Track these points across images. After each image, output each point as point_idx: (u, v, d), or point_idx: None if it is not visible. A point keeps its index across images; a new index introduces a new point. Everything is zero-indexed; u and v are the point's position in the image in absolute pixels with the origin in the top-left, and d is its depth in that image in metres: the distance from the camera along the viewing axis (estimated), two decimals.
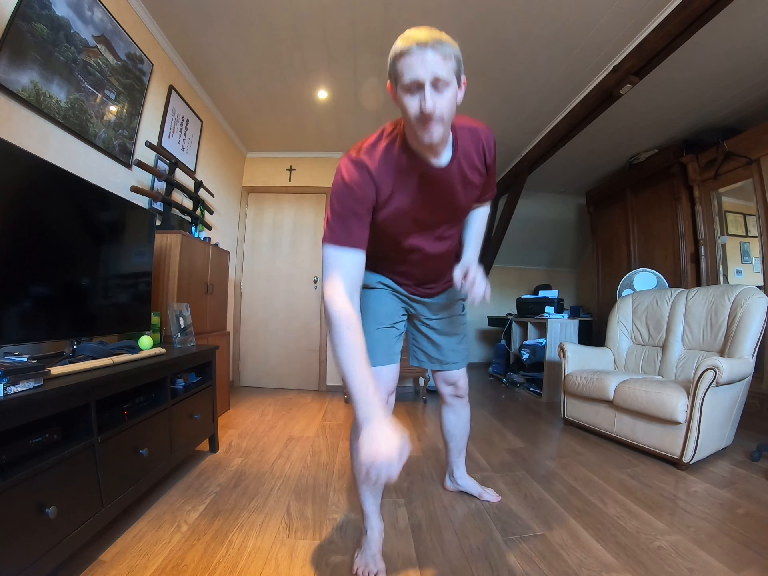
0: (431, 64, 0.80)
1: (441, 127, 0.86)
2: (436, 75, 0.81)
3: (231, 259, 3.26)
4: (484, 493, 1.59)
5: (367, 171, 0.94)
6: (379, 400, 0.87)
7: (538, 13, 2.11)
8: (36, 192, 1.25)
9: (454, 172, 1.00)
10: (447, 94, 0.84)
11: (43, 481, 0.93)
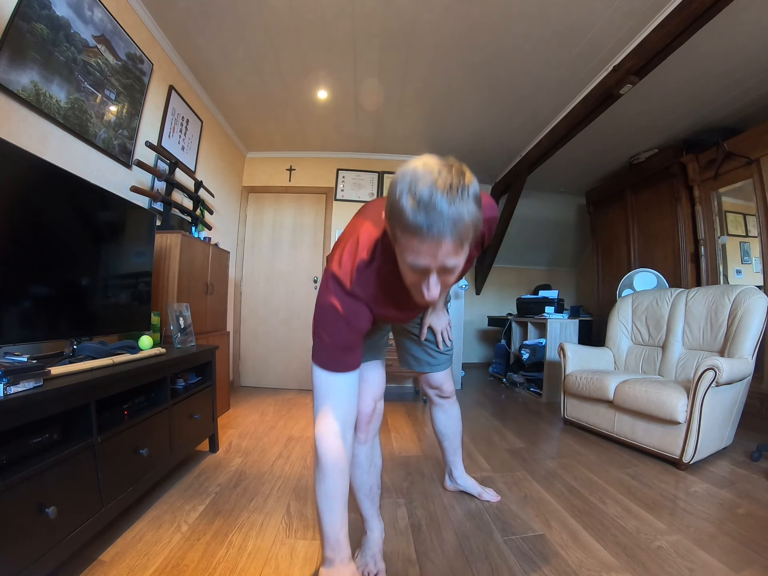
0: (443, 256, 0.68)
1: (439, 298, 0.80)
2: (445, 263, 0.69)
3: (231, 259, 3.26)
4: (484, 493, 1.59)
5: (364, 305, 0.86)
6: (347, 545, 0.87)
7: (538, 13, 2.11)
8: (36, 192, 1.25)
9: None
10: (456, 271, 0.73)
11: (43, 481, 0.93)
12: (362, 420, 1.11)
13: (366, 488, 1.20)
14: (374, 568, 1.12)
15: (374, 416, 1.16)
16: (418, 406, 3.28)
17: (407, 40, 2.36)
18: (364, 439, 1.14)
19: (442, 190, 0.63)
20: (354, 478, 1.17)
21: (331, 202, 4.01)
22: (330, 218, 3.98)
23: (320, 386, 0.88)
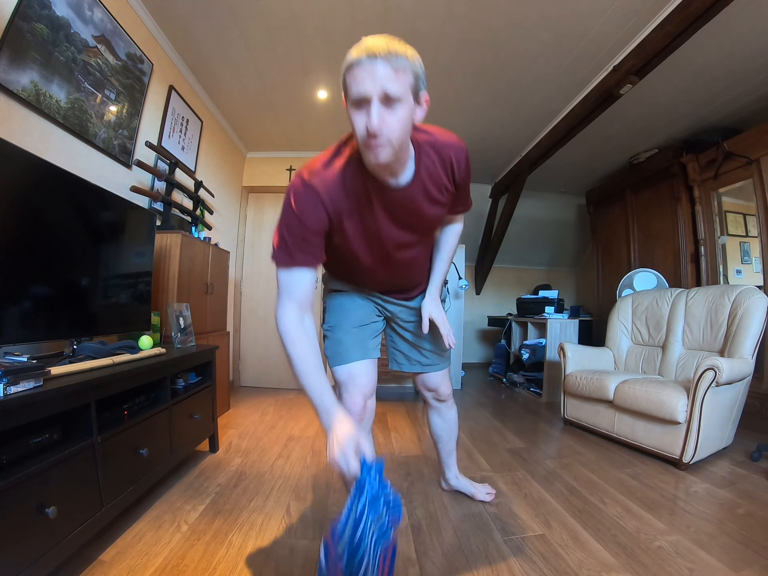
0: (381, 78, 0.73)
1: (389, 149, 0.79)
2: (386, 90, 0.73)
3: (231, 259, 3.26)
4: (477, 493, 1.58)
5: (317, 198, 0.87)
6: (336, 404, 0.90)
7: (538, 12, 2.11)
8: (36, 192, 1.25)
9: (416, 191, 0.93)
10: (399, 113, 0.76)
11: (43, 481, 0.93)
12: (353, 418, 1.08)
13: None
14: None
15: (365, 414, 1.16)
16: (418, 406, 3.28)
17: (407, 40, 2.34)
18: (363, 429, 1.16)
19: (379, 38, 0.76)
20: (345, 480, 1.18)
21: None
22: None
23: (279, 283, 0.96)
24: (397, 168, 0.88)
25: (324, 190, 0.88)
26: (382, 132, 0.75)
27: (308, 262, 0.94)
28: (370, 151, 0.79)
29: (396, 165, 0.87)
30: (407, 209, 0.96)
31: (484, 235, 5.17)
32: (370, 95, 0.74)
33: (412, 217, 0.99)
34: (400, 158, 0.86)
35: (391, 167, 0.86)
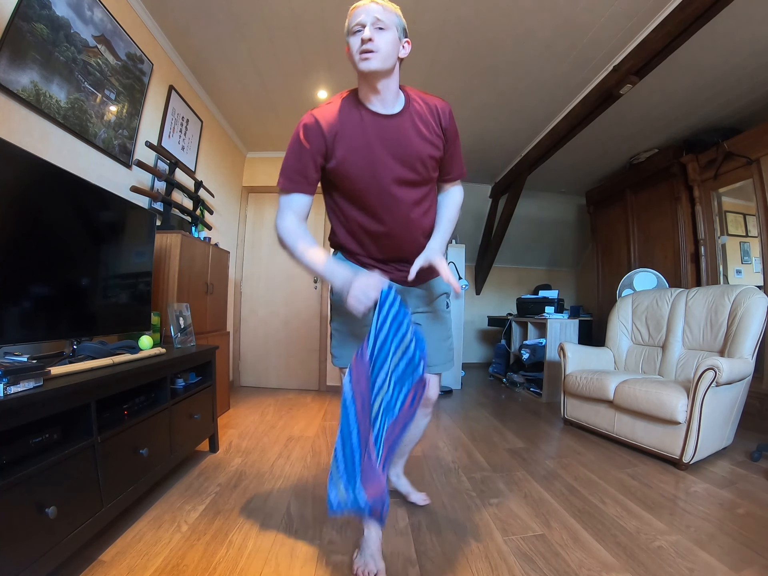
0: (373, 11, 0.99)
1: (379, 59, 0.98)
2: (376, 16, 0.99)
3: (231, 259, 3.26)
4: (413, 494, 1.54)
5: (317, 124, 1.04)
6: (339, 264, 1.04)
7: (537, 13, 2.11)
8: (36, 192, 1.25)
9: (406, 122, 1.08)
10: (386, 35, 1.00)
11: (43, 481, 0.93)
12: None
13: None
14: (374, 567, 1.10)
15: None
16: None
17: None
18: None
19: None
20: None
21: None
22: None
23: (281, 204, 1.11)
24: (386, 94, 1.06)
25: (322, 118, 1.05)
26: (373, 40, 0.97)
27: (305, 188, 1.10)
28: (363, 58, 0.99)
29: (385, 88, 1.05)
30: (398, 139, 1.07)
31: (484, 235, 5.18)
32: (365, 22, 0.99)
33: (404, 149, 1.08)
34: (387, 83, 1.04)
35: (381, 88, 1.04)
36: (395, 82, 1.07)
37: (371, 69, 0.99)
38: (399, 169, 1.09)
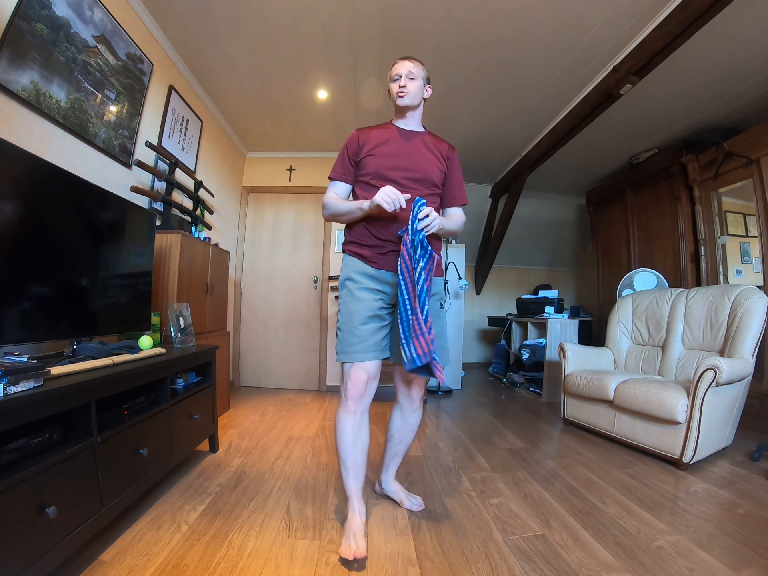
0: (407, 66, 1.40)
1: (408, 96, 1.39)
2: (409, 70, 1.40)
3: (231, 259, 3.26)
4: (406, 501, 1.52)
5: (357, 135, 1.43)
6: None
7: (537, 13, 2.11)
8: (36, 192, 1.25)
9: (422, 138, 1.44)
10: (415, 82, 1.40)
11: (43, 481, 0.93)
12: (355, 392, 1.31)
13: (351, 462, 1.31)
14: (355, 546, 1.17)
15: (366, 392, 1.32)
16: None
17: (407, 40, 2.36)
18: (353, 410, 1.31)
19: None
20: (340, 448, 1.33)
21: None
22: None
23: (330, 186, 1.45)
24: (411, 121, 1.45)
25: (361, 133, 1.44)
26: (407, 85, 1.38)
27: (345, 178, 1.44)
28: (399, 96, 1.39)
29: (411, 116, 1.44)
30: (413, 147, 1.41)
31: (484, 235, 5.18)
32: (401, 73, 1.39)
33: (417, 155, 1.40)
34: (414, 114, 1.44)
35: (409, 114, 1.43)
36: (419, 113, 1.46)
37: (404, 104, 1.40)
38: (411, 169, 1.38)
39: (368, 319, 1.32)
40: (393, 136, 1.42)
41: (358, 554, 1.15)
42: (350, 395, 1.31)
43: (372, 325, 1.32)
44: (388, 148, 1.39)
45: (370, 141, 1.40)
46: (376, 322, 1.33)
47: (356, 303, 1.33)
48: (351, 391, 1.30)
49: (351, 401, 1.31)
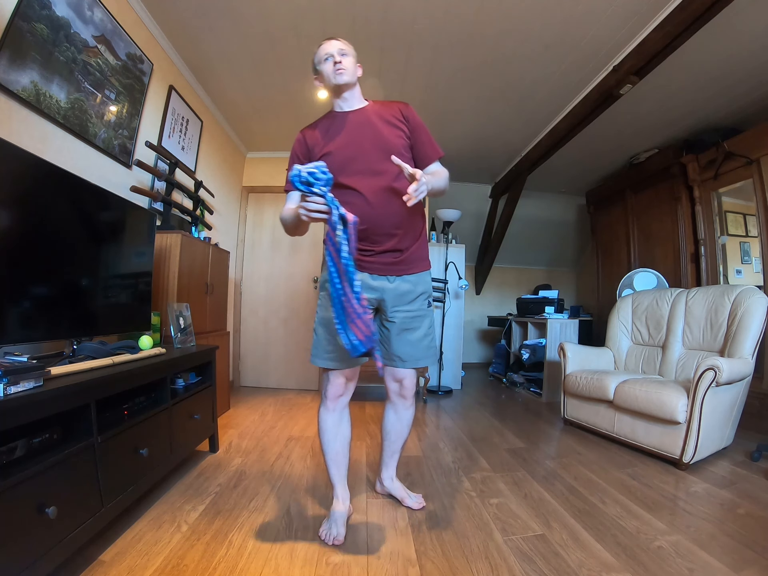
0: (336, 45, 1.31)
1: (346, 73, 1.29)
2: (340, 47, 1.30)
3: (231, 259, 3.26)
4: (407, 499, 1.53)
5: (303, 138, 1.36)
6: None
7: (538, 12, 2.11)
8: (36, 192, 1.25)
9: (369, 112, 1.34)
10: (348, 58, 1.31)
11: (43, 481, 0.93)
12: (334, 393, 1.37)
13: (332, 453, 1.39)
14: (335, 532, 1.26)
15: (345, 392, 1.39)
16: (418, 406, 3.28)
17: (407, 41, 2.36)
18: (332, 408, 1.38)
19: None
20: (322, 442, 1.40)
21: None
22: None
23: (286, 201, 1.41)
24: (352, 99, 1.35)
25: (306, 133, 1.37)
26: (342, 62, 1.28)
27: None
28: (336, 74, 1.28)
29: (351, 95, 1.34)
30: (362, 123, 1.32)
31: (484, 235, 5.18)
32: (332, 51, 1.30)
33: (368, 131, 1.30)
34: (353, 92, 1.34)
35: (347, 94, 1.33)
36: (358, 91, 1.37)
37: (343, 81, 1.29)
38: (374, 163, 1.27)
39: None
40: (337, 125, 1.32)
41: (337, 541, 1.25)
42: (329, 396, 1.38)
43: None
44: (339, 141, 1.30)
45: (318, 141, 1.32)
46: None
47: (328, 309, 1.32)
48: (330, 392, 1.37)
49: (330, 401, 1.38)
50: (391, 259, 1.34)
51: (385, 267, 1.34)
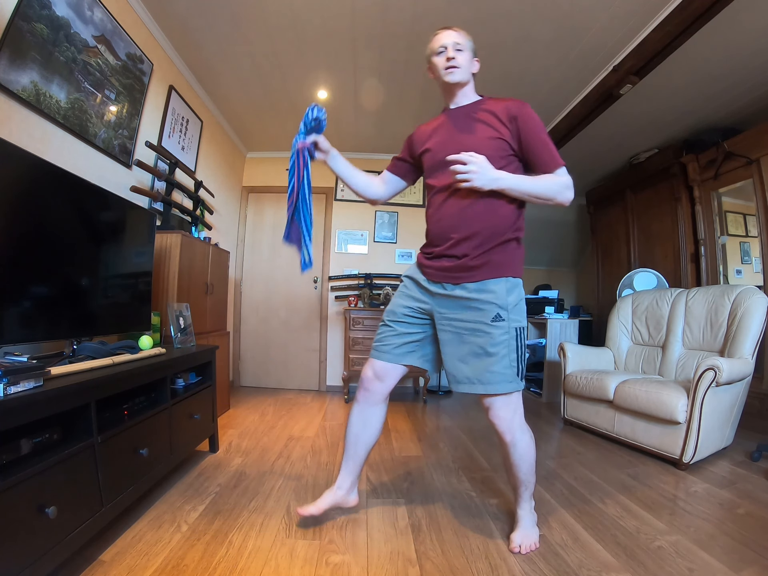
0: (452, 36, 1.22)
1: (458, 71, 1.21)
2: (455, 41, 1.21)
3: (231, 259, 3.26)
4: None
5: (413, 134, 1.41)
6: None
7: (537, 13, 2.11)
8: (36, 192, 1.25)
9: (469, 109, 1.26)
10: (464, 54, 1.22)
11: (43, 481, 0.93)
12: (360, 383, 1.39)
13: (347, 442, 1.39)
14: (313, 508, 1.32)
15: (369, 388, 1.35)
16: (418, 406, 3.28)
17: (406, 42, 2.36)
18: (358, 399, 1.38)
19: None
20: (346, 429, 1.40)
21: (331, 202, 4.02)
22: (330, 218, 3.99)
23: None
24: (463, 98, 1.29)
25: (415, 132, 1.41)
26: (456, 58, 1.21)
27: (390, 168, 1.48)
28: (447, 72, 1.22)
29: (463, 93, 1.28)
30: (459, 121, 1.27)
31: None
32: (446, 44, 1.22)
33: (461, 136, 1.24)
34: (465, 90, 1.28)
35: (460, 92, 1.28)
36: (470, 86, 1.29)
37: (455, 80, 1.23)
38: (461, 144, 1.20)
39: (393, 323, 1.34)
40: (442, 122, 1.29)
41: (302, 511, 1.32)
42: (359, 385, 1.39)
43: (396, 329, 1.33)
44: (436, 139, 1.27)
45: (423, 137, 1.33)
46: (401, 327, 1.33)
47: (392, 304, 1.38)
48: (360, 381, 1.39)
49: (358, 391, 1.39)
50: (447, 264, 1.22)
51: (439, 273, 1.24)
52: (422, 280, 1.30)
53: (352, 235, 4.01)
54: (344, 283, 3.87)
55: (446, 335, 1.25)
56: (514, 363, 1.19)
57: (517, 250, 1.25)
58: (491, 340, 1.17)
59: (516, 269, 1.24)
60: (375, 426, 1.39)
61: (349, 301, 3.65)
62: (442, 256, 1.24)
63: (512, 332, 1.18)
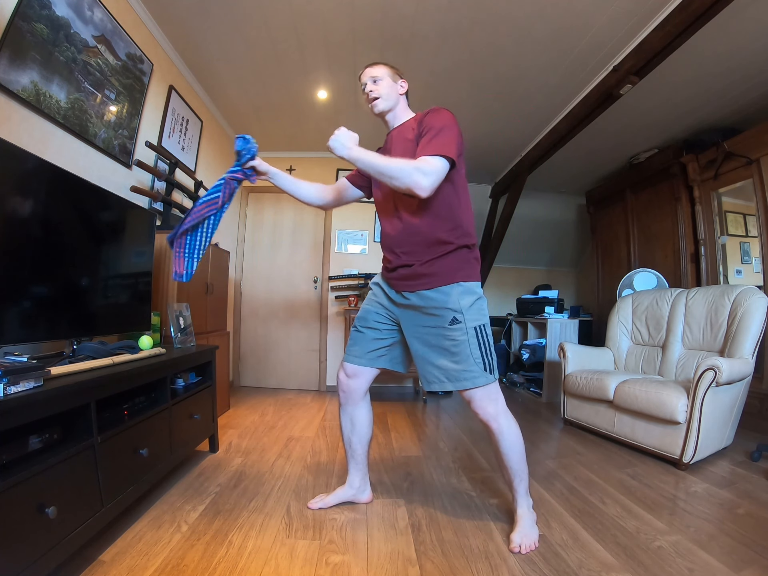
0: (368, 73, 1.35)
1: (380, 101, 1.33)
2: (371, 75, 1.34)
3: (231, 259, 3.26)
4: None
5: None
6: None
7: (537, 13, 2.11)
8: (36, 192, 1.25)
9: (402, 129, 1.35)
10: (382, 82, 1.33)
11: (43, 481, 0.93)
12: (338, 386, 1.49)
13: (347, 443, 1.50)
14: (321, 502, 1.47)
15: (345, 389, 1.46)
16: (418, 406, 3.28)
17: (406, 43, 2.36)
18: (340, 401, 1.49)
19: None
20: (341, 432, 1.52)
21: None
22: (330, 218, 3.98)
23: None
24: (395, 120, 1.39)
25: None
26: (374, 90, 1.33)
27: (351, 179, 1.51)
28: (373, 106, 1.35)
29: (393, 116, 1.38)
30: (394, 142, 1.36)
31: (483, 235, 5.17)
32: (365, 81, 1.35)
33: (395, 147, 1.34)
34: (394, 114, 1.37)
35: (388, 116, 1.38)
36: (402, 110, 1.39)
37: (377, 112, 1.36)
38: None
39: (364, 328, 1.43)
40: (384, 146, 1.42)
41: (311, 504, 1.47)
42: (338, 389, 1.50)
43: (367, 334, 1.43)
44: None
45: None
46: (372, 333, 1.43)
47: (362, 311, 1.46)
48: (337, 385, 1.50)
49: (338, 395, 1.50)
50: (403, 272, 1.32)
51: (399, 282, 1.34)
52: (387, 289, 1.40)
53: (351, 235, 4.01)
54: (344, 283, 3.87)
55: (413, 340, 1.36)
56: (479, 359, 1.26)
57: (469, 255, 1.30)
58: (453, 341, 1.26)
59: (469, 274, 1.28)
60: (363, 423, 1.48)
61: (349, 301, 3.65)
62: (397, 267, 1.34)
63: (471, 332, 1.25)
